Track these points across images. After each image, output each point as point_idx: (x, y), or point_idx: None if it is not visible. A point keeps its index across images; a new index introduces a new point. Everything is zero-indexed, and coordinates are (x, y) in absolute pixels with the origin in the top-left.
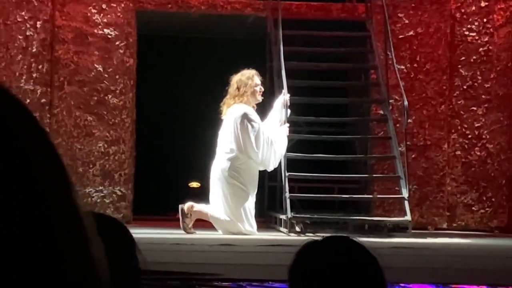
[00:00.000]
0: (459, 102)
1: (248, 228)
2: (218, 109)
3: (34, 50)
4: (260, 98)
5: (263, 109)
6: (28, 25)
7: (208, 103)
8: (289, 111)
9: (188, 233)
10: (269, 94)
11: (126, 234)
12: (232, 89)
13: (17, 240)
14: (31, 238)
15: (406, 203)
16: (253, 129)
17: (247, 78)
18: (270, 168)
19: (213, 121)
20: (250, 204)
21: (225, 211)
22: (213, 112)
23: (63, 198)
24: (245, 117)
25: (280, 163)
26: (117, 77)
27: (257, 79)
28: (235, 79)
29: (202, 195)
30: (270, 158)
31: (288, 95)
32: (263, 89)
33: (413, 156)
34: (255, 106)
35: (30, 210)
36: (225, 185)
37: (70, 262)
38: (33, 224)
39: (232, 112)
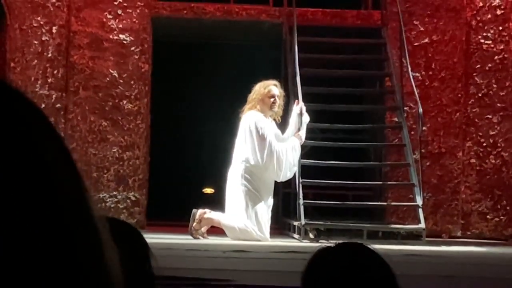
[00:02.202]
0: (474, 110)
1: (260, 233)
2: (233, 115)
3: (49, 55)
4: (274, 109)
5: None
6: (44, 30)
7: (223, 109)
8: (308, 117)
9: (194, 237)
10: (284, 100)
11: (140, 239)
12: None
13: (31, 243)
14: (45, 241)
15: (420, 210)
16: (257, 136)
17: (260, 86)
18: (279, 178)
19: (228, 127)
20: (264, 210)
21: (238, 216)
22: (228, 118)
23: (78, 202)
24: (251, 123)
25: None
26: (132, 82)
27: (274, 90)
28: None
29: (216, 201)
30: (280, 169)
31: (302, 103)
32: (277, 101)
33: (427, 163)
34: (278, 119)
35: (44, 214)
36: (238, 189)
37: (83, 265)
38: (47, 228)
39: (243, 118)
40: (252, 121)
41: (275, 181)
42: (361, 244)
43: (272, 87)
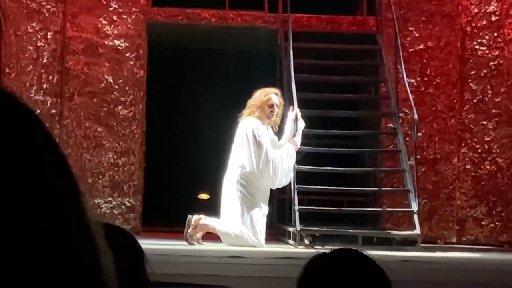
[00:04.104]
0: (469, 116)
1: (255, 239)
2: (228, 121)
3: (44, 61)
4: (271, 118)
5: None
6: (39, 36)
7: (218, 115)
8: (303, 123)
9: (189, 243)
10: (284, 110)
11: (135, 245)
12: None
13: (26, 247)
14: (40, 245)
15: (416, 216)
16: (254, 143)
17: (261, 93)
18: (275, 185)
19: (224, 132)
20: (259, 216)
21: (233, 222)
22: (223, 124)
23: (73, 207)
24: (248, 130)
25: None
26: (127, 88)
27: (274, 99)
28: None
29: (211, 207)
30: (275, 176)
31: (297, 109)
32: (275, 110)
33: (422, 169)
34: (275, 127)
35: (39, 218)
36: (234, 195)
37: (78, 270)
38: (42, 232)
39: (241, 124)
40: (250, 127)
41: (271, 188)
42: (356, 250)
43: (273, 95)
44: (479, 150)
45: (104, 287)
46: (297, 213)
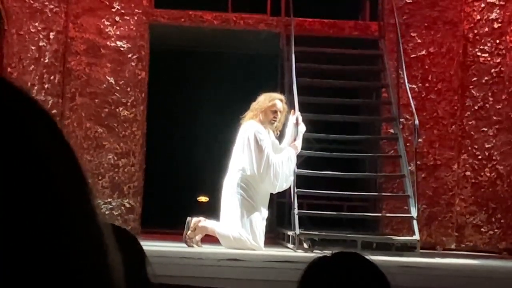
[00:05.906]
0: (470, 122)
1: (254, 242)
2: (229, 123)
3: (46, 61)
4: (274, 124)
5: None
6: (41, 36)
7: (219, 118)
8: (304, 127)
9: (188, 246)
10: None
11: (136, 246)
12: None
13: (34, 246)
14: (48, 244)
15: (415, 222)
16: (255, 147)
17: (266, 98)
18: (275, 190)
19: (224, 135)
20: (258, 220)
21: (232, 225)
22: (224, 127)
23: (82, 206)
24: (250, 133)
25: None
26: (128, 89)
27: (278, 105)
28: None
29: (210, 209)
30: (276, 181)
31: (299, 112)
32: (278, 117)
33: (422, 175)
34: (275, 133)
35: (48, 218)
36: (234, 198)
37: (87, 270)
38: (50, 232)
39: (243, 127)
40: (252, 131)
41: (271, 192)
42: (357, 254)
43: (277, 101)
44: (480, 157)
45: (112, 286)
46: (296, 217)
